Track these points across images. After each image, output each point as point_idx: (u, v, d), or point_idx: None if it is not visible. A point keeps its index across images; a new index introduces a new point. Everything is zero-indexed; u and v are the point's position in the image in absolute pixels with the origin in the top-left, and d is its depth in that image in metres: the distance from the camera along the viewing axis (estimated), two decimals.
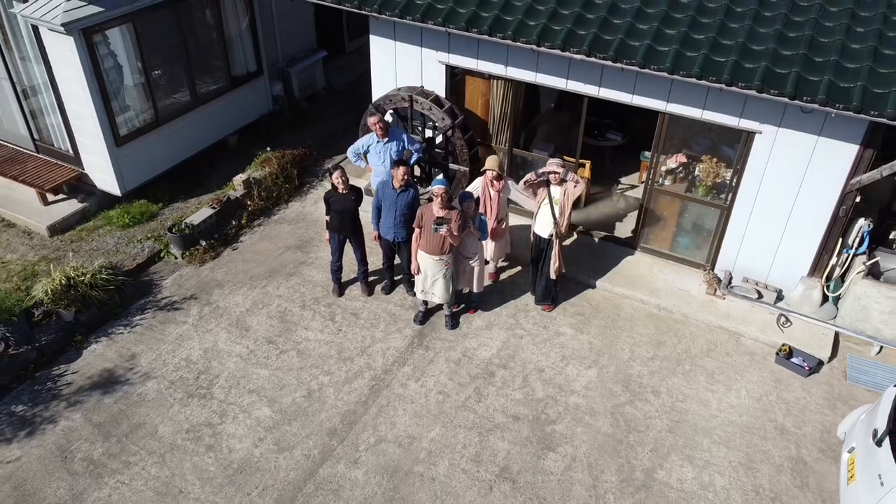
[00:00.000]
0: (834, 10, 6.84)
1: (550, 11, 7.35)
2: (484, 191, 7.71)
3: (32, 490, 6.26)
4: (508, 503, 6.18)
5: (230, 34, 10.37)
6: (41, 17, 7.93)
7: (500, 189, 7.71)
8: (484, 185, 7.71)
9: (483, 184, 7.72)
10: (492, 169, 7.65)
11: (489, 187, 7.68)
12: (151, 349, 7.69)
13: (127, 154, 9.25)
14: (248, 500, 6.18)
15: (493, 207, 7.76)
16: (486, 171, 7.71)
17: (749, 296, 8.19)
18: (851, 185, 7.25)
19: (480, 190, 7.74)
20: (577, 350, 7.74)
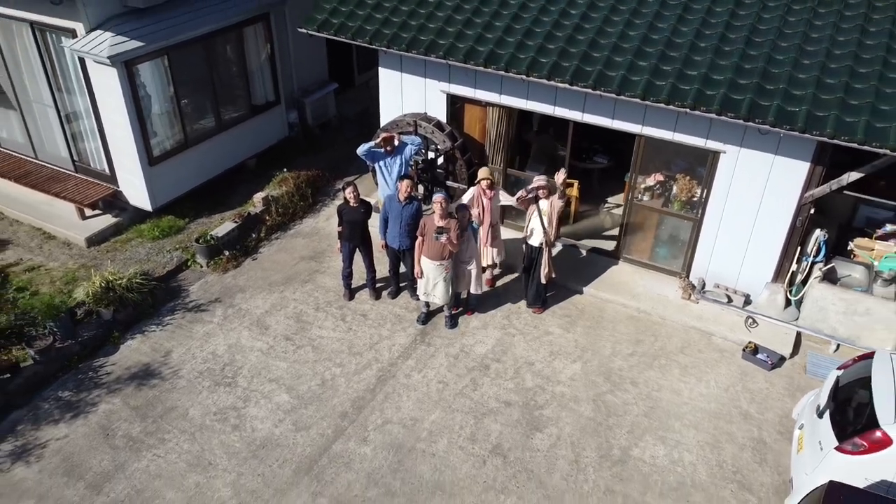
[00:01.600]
0: (784, 44, 7.84)
1: (538, 46, 8.38)
2: (477, 199, 8.64)
3: (79, 462, 7.09)
4: (500, 474, 6.99)
5: (251, 67, 11.44)
6: (90, 51, 8.98)
7: (491, 197, 8.66)
8: (477, 195, 8.65)
9: (477, 193, 8.66)
10: (485, 178, 8.60)
11: (482, 196, 8.62)
12: (181, 344, 8.57)
13: (158, 173, 10.23)
14: (270, 471, 7.00)
15: (486, 213, 8.70)
16: (480, 181, 8.66)
17: (720, 300, 9.06)
18: (805, 199, 8.17)
19: (474, 198, 8.68)
20: (563, 347, 8.59)
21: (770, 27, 8.04)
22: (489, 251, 9.07)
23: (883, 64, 7.38)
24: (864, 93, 7.15)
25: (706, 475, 7.02)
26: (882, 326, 8.17)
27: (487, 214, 8.73)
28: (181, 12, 9.98)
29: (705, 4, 8.47)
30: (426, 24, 9.03)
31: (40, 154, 11.10)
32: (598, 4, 8.78)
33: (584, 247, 10.05)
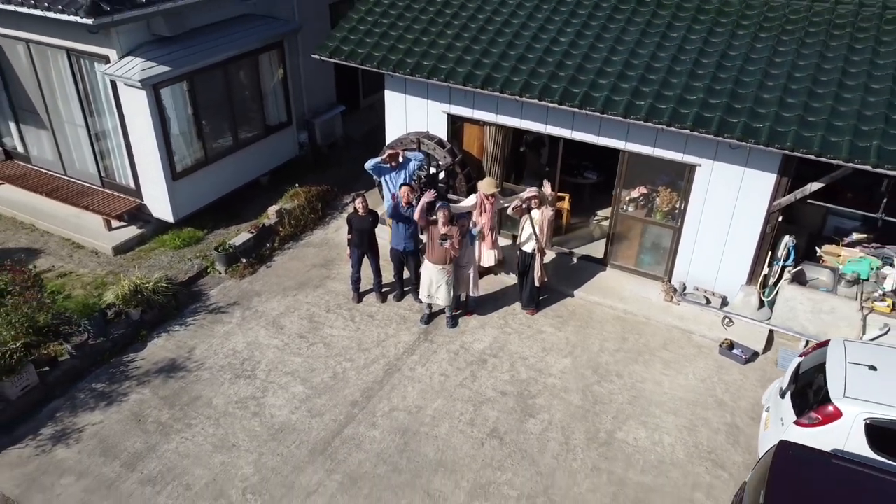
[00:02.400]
0: (751, 68, 8.72)
1: (530, 70, 9.27)
2: (480, 205, 9.45)
3: (114, 444, 7.81)
4: (497, 454, 7.71)
5: (266, 90, 12.33)
6: (122, 75, 9.86)
7: (493, 203, 9.48)
8: (480, 200, 9.47)
9: (479, 199, 9.48)
10: (490, 188, 9.44)
11: (485, 201, 9.43)
12: (204, 342, 9.32)
13: (180, 188, 11.06)
14: (288, 451, 7.71)
15: (488, 217, 9.52)
16: (488, 192, 9.47)
17: (699, 301, 9.84)
18: (773, 207, 9.00)
19: (478, 203, 9.49)
20: (555, 344, 9.35)
21: (738, 53, 8.93)
22: (490, 253, 9.88)
23: (838, 85, 8.25)
24: (821, 111, 8.01)
25: (683, 454, 7.74)
26: (846, 323, 8.93)
27: (489, 219, 9.54)
28: (203, 40, 10.89)
29: (681, 33, 9.38)
30: (429, 50, 9.93)
31: (69, 170, 11.95)
32: (584, 33, 9.68)
33: (575, 254, 10.84)
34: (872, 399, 6.38)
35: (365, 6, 10.97)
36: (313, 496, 7.23)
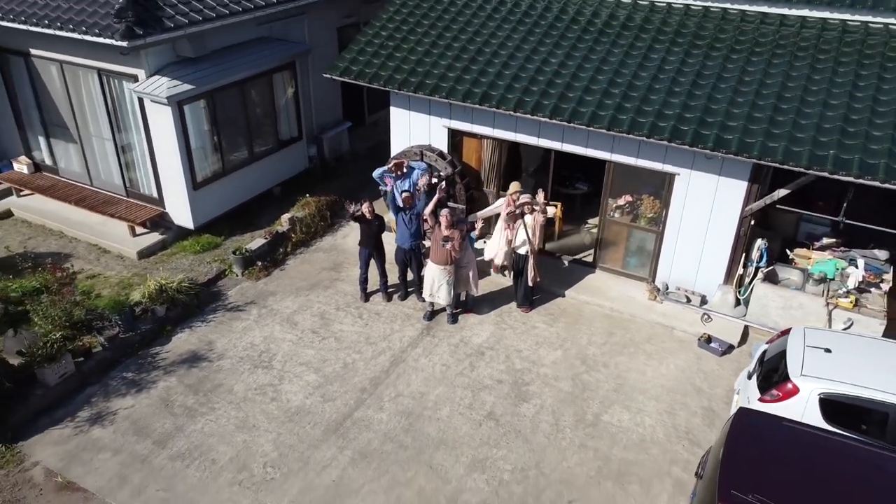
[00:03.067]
0: (723, 86, 9.63)
1: (523, 88, 10.18)
2: (508, 205, 10.26)
3: (145, 424, 8.59)
4: (493, 434, 8.49)
5: (279, 107, 13.24)
6: (150, 92, 10.77)
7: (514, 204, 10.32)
8: (509, 202, 10.28)
9: (507, 201, 10.30)
10: (516, 190, 10.30)
11: (512, 205, 10.23)
12: (224, 336, 10.13)
13: (200, 197, 11.92)
14: (304, 431, 8.49)
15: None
16: (512, 193, 10.31)
17: (680, 300, 10.66)
18: (746, 212, 9.86)
19: (504, 207, 10.31)
20: (547, 338, 10.16)
21: (711, 73, 9.85)
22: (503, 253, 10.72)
23: (800, 102, 9.15)
24: (784, 124, 8.90)
25: (663, 434, 8.53)
26: (813, 318, 9.74)
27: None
28: (223, 61, 11.81)
29: (660, 55, 10.30)
30: (431, 70, 10.85)
31: (96, 181, 12.82)
32: (573, 55, 10.61)
33: (566, 258, 11.67)
34: (826, 377, 7.19)
35: (372, 30, 11.92)
36: (327, 469, 8.00)
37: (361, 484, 7.83)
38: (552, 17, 11.37)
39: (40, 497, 7.68)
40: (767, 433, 6.16)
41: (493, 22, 11.54)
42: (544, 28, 11.22)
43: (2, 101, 13.14)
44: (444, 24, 11.69)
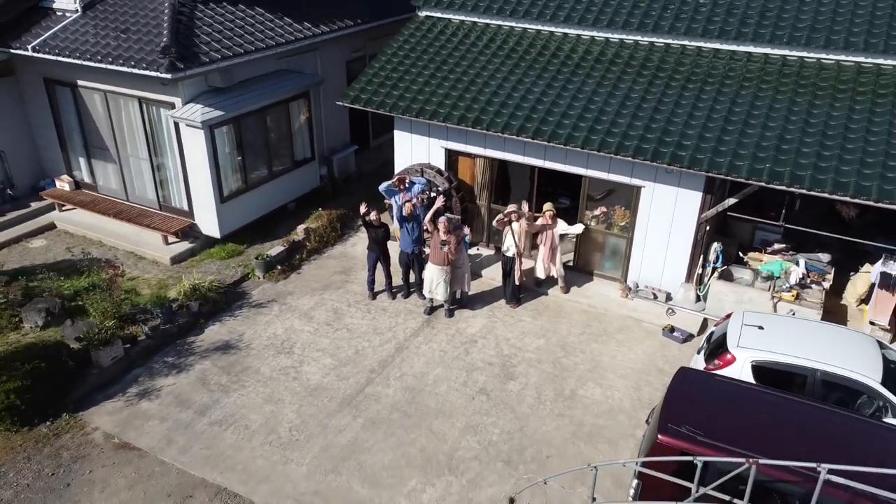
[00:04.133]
0: (680, 111, 11.28)
1: (510, 113, 11.82)
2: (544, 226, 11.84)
3: (187, 398, 10.04)
4: (484, 405, 9.95)
5: (294, 131, 14.88)
6: (186, 118, 12.39)
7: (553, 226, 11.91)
8: (544, 221, 11.83)
9: (544, 221, 11.83)
10: (549, 210, 11.90)
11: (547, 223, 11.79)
12: (250, 328, 11.62)
13: (226, 209, 13.49)
14: (322, 404, 9.95)
15: (547, 238, 11.86)
16: (545, 212, 11.89)
17: (648, 297, 12.19)
18: (702, 219, 11.44)
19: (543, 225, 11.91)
20: (532, 329, 11.66)
21: (670, 100, 11.49)
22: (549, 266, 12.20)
23: (744, 124, 10.79)
24: (730, 142, 10.52)
25: (629, 405, 10.00)
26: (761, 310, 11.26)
27: (548, 239, 11.86)
28: (247, 90, 13.47)
29: (627, 85, 11.96)
30: (430, 98, 12.50)
31: (131, 197, 14.39)
32: (553, 85, 12.27)
33: None
34: (757, 347, 8.70)
35: (378, 63, 13.60)
36: (343, 433, 9.45)
37: (372, 444, 9.28)
38: (535, 53, 13.07)
39: (102, 454, 9.11)
40: (700, 385, 7.65)
41: (484, 57, 13.23)
42: (528, 62, 12.90)
43: (47, 126, 14.76)
44: (442, 59, 13.37)
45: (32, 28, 13.35)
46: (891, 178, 9.57)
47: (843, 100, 10.85)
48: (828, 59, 11.55)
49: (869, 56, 11.26)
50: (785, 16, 12.01)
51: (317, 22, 15.04)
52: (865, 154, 9.94)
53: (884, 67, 11.20)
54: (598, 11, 13.07)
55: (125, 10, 13.20)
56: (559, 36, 13.33)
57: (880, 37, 11.23)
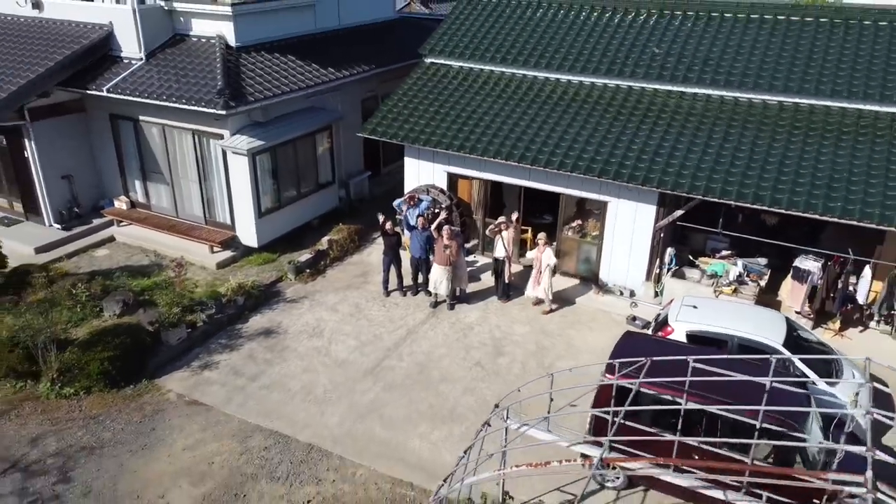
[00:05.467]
0: (637, 140, 13.91)
1: (500, 142, 14.47)
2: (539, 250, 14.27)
3: (239, 369, 12.47)
4: (479, 374, 12.38)
5: (319, 158, 17.54)
6: (233, 146, 15.04)
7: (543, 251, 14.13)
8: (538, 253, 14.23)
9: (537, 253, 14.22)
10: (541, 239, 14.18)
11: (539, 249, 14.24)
12: (286, 318, 14.09)
13: (263, 223, 16.06)
14: (348, 373, 12.38)
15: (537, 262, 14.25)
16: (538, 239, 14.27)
17: (616, 293, 14.69)
18: (657, 228, 14.00)
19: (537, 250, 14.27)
20: (519, 318, 14.14)
21: (629, 131, 14.13)
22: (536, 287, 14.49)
23: (687, 149, 13.41)
24: (675, 164, 13.13)
25: (596, 371, 12.40)
26: None
27: (539, 263, 14.28)
28: (283, 124, 16.16)
29: (595, 119, 14.64)
30: (434, 130, 15.17)
31: (181, 213, 16.98)
32: (535, 119, 14.94)
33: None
34: (690, 321, 11.18)
35: (391, 102, 16.31)
36: (366, 394, 11.87)
37: (389, 402, 11.70)
38: (521, 93, 15.78)
39: (176, 409, 11.54)
40: (640, 342, 10.11)
41: (479, 96, 15.94)
42: (515, 101, 15.60)
43: (109, 154, 17.41)
44: (444, 98, 16.08)
45: (104, 73, 16.08)
46: (799, 191, 12.16)
47: (767, 130, 13.50)
48: (756, 98, 14.23)
49: (789, 96, 13.95)
50: (723, 63, 14.73)
51: (338, 67, 17.80)
52: (780, 172, 12.55)
53: (801, 105, 13.87)
54: (572, 60, 15.83)
55: (182, 58, 15.95)
56: (541, 79, 16.07)
57: (795, 81, 13.94)
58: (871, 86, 13.44)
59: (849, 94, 13.47)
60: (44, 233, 16.83)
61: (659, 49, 15.48)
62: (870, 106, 13.36)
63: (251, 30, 16.45)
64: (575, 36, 16.42)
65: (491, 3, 18.05)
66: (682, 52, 15.28)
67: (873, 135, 12.92)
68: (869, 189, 11.92)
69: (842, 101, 13.56)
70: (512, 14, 17.57)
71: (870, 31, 14.47)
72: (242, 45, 16.25)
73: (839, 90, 13.58)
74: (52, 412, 11.36)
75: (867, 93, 13.37)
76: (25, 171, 16.74)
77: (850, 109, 13.49)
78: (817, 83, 13.80)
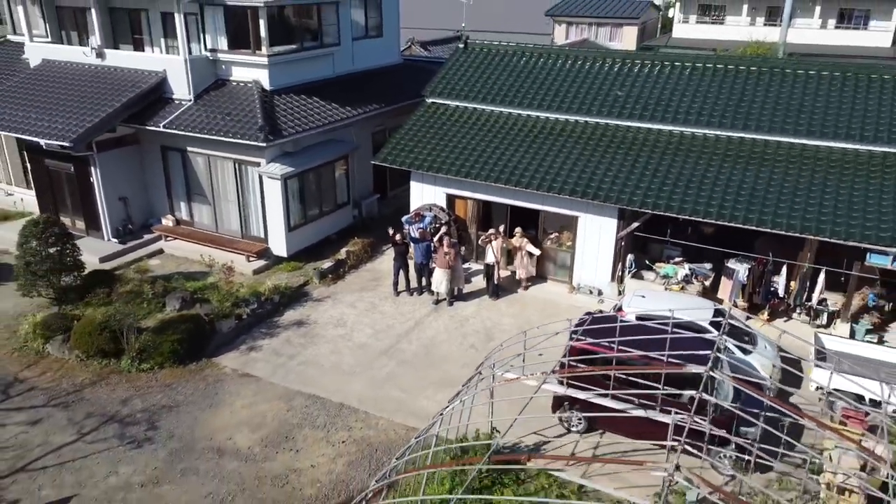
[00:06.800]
0: (602, 165, 17.09)
1: (490, 168, 17.64)
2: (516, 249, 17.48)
3: (279, 350, 15.45)
4: (474, 354, 15.35)
5: (337, 182, 20.67)
6: (269, 172, 18.18)
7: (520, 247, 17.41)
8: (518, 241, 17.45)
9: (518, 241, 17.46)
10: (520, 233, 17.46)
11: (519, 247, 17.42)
12: (314, 312, 17.10)
13: (292, 236, 19.13)
14: (367, 354, 15.36)
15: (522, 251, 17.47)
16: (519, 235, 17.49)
17: (587, 292, 17.75)
18: (618, 238, 17.12)
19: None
20: (506, 312, 17.17)
21: (595, 158, 17.32)
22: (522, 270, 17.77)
23: (640, 173, 16.59)
24: (631, 185, 16.29)
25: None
26: None
27: (522, 252, 17.43)
28: (308, 153, 19.33)
29: (568, 149, 17.83)
30: (435, 158, 18.35)
31: (220, 229, 20.06)
32: (518, 149, 18.13)
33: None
34: (638, 306, 14.24)
35: (398, 135, 19.51)
36: (383, 369, 14.85)
37: (402, 374, 14.68)
38: (507, 128, 19.00)
39: (232, 379, 14.49)
40: (601, 319, 13.16)
41: (473, 130, 19.15)
42: (503, 134, 18.81)
43: (159, 180, 20.53)
44: (444, 132, 19.29)
45: (160, 112, 19.26)
46: (726, 205, 15.32)
47: (705, 157, 16.71)
48: (697, 132, 17.48)
49: (723, 130, 17.19)
50: (672, 104, 17.99)
51: (353, 106, 21.04)
52: (713, 190, 15.73)
53: (732, 137, 17.11)
54: (549, 100, 19.10)
55: (225, 100, 19.16)
56: (524, 116, 19.31)
57: (728, 118, 17.21)
58: (788, 121, 16.72)
59: (769, 129, 16.74)
60: (104, 246, 19.86)
61: (621, 92, 18.78)
62: (783, 138, 16.61)
63: (282, 75, 19.70)
64: (552, 80, 19.73)
65: (482, 53, 21.41)
66: (640, 94, 18.56)
67: (787, 160, 16.15)
68: (780, 203, 15.10)
69: (762, 133, 16.81)
70: (500, 62, 20.91)
71: (789, 77, 17.81)
72: (275, 88, 19.48)
73: (762, 125, 16.85)
74: (134, 381, 14.32)
75: (784, 128, 16.63)
76: (90, 193, 19.83)
77: (771, 141, 16.74)
78: (745, 120, 17.08)
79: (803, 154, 16.28)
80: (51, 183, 20.69)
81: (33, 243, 16.11)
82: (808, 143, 16.43)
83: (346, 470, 11.95)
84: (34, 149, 19.97)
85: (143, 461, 12.13)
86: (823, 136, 16.29)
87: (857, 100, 16.85)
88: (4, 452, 12.28)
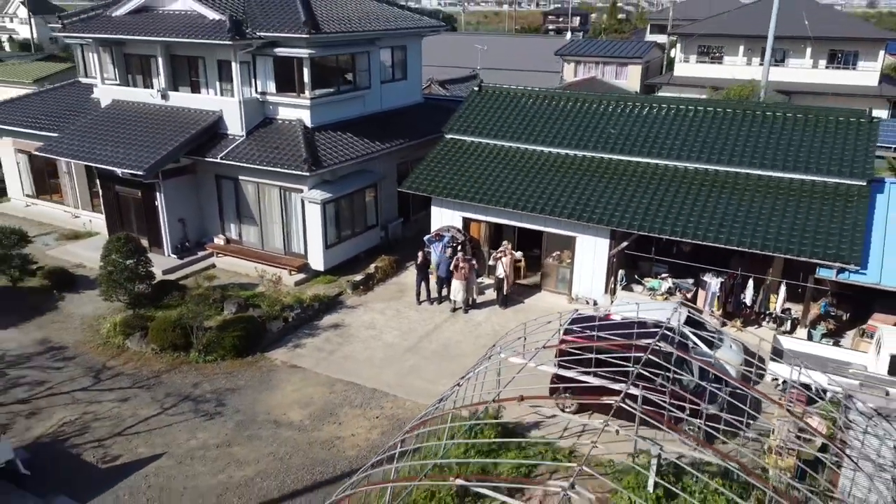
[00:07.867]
0: (596, 192, 19.93)
1: (500, 195, 20.54)
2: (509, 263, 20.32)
3: (320, 347, 18.29)
4: (484, 348, 18.10)
5: (367, 207, 23.65)
6: (310, 198, 21.19)
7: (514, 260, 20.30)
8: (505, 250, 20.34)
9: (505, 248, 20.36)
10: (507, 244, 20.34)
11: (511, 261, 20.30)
12: (349, 317, 19.95)
13: (328, 253, 22.06)
14: (395, 351, 18.15)
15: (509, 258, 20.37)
16: (506, 246, 20.36)
17: (584, 302, 20.48)
18: (611, 256, 19.88)
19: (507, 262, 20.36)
20: (513, 319, 19.88)
21: (591, 185, 20.17)
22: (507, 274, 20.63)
23: (629, 200, 19.40)
24: (621, 208, 19.10)
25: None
26: None
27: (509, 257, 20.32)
28: (343, 182, 22.35)
29: (568, 178, 20.70)
30: (453, 186, 21.28)
31: (265, 247, 23.06)
32: (525, 178, 21.03)
33: (526, 285, 21.58)
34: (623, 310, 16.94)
35: (422, 166, 22.51)
36: (408, 363, 17.62)
37: (424, 367, 17.44)
38: (516, 160, 21.94)
39: (283, 370, 17.32)
40: (586, 318, 15.88)
41: (486, 162, 22.11)
42: (512, 165, 21.75)
43: (212, 204, 23.64)
44: (461, 164, 22.27)
45: (216, 145, 22.43)
46: (701, 226, 18.07)
47: (685, 186, 19.52)
48: (680, 164, 20.30)
49: (701, 163, 20.00)
50: (658, 140, 20.86)
51: (381, 141, 24.11)
52: (690, 214, 18.50)
53: (709, 170, 19.92)
54: (552, 136, 22.06)
55: (273, 135, 22.29)
56: (530, 150, 22.26)
57: (706, 153, 20.05)
58: (755, 156, 19.52)
59: (739, 162, 19.55)
60: (165, 260, 22.91)
61: (614, 130, 21.71)
62: (751, 170, 19.40)
63: (321, 115, 22.83)
64: (556, 119, 22.72)
65: (495, 94, 24.49)
66: (630, 132, 21.47)
67: (754, 189, 18.92)
68: (746, 225, 17.85)
69: (733, 166, 19.61)
70: (510, 103, 23.96)
71: (758, 118, 20.66)
72: (315, 125, 22.60)
73: (733, 159, 19.67)
74: (201, 370, 17.20)
75: (752, 161, 19.44)
76: (154, 215, 22.95)
77: (741, 173, 19.54)
78: (719, 154, 19.91)
79: (768, 184, 19.04)
80: (119, 206, 23.85)
81: (114, 256, 19.13)
82: (772, 175, 19.19)
83: (379, 437, 14.68)
84: (106, 176, 23.17)
85: (216, 429, 14.95)
86: (785, 169, 19.06)
87: (816, 138, 19.64)
88: (104, 421, 15.15)
